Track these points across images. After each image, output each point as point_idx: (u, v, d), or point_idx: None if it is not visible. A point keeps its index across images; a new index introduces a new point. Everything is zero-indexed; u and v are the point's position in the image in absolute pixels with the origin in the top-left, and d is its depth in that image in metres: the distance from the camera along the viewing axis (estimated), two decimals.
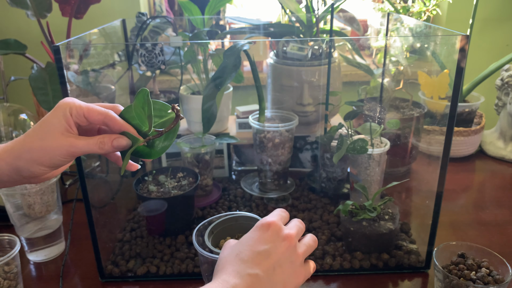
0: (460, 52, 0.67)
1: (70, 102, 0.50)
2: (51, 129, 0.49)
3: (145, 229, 0.92)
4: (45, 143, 0.49)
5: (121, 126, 0.51)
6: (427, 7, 1.31)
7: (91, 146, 0.50)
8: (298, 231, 0.52)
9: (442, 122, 0.75)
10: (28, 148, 0.49)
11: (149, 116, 0.50)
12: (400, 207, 0.87)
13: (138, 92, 0.50)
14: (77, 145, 0.50)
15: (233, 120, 1.23)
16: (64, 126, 0.50)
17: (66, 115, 0.50)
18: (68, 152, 0.50)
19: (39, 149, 0.49)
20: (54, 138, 0.49)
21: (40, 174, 0.51)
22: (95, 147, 0.50)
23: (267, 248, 0.48)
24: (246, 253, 0.48)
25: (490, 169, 1.21)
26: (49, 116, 0.50)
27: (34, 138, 0.50)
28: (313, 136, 1.11)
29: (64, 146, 0.49)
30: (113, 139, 0.51)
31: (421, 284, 0.79)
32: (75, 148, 0.50)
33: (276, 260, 0.48)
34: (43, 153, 0.49)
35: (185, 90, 1.16)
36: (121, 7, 1.61)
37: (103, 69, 1.01)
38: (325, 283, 0.79)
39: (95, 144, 0.50)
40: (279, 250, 0.49)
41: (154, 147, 0.53)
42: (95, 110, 0.51)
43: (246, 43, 0.80)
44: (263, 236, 0.49)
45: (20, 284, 0.74)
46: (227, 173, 1.13)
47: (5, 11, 1.59)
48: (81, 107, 0.50)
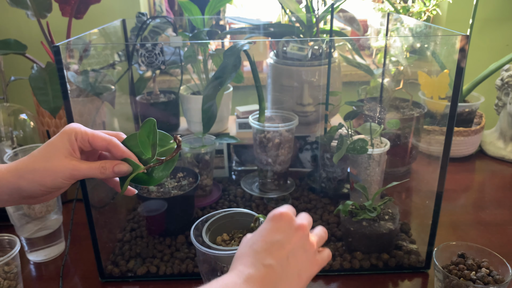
0: (460, 52, 0.67)
1: (76, 127, 0.53)
2: (56, 152, 0.52)
3: (145, 229, 0.92)
4: (49, 164, 0.51)
5: (123, 153, 0.54)
6: (427, 7, 1.31)
7: (93, 170, 0.52)
8: (309, 221, 0.53)
9: (442, 122, 0.75)
10: (32, 168, 0.51)
11: (153, 145, 0.53)
12: (400, 207, 0.87)
13: (145, 121, 0.53)
14: (80, 169, 0.52)
15: (233, 120, 1.23)
16: (69, 150, 0.52)
17: (71, 140, 0.52)
18: (71, 175, 0.52)
19: (43, 170, 0.51)
20: (58, 161, 0.51)
21: (40, 194, 0.53)
22: (96, 172, 0.53)
23: (280, 238, 0.49)
24: (259, 244, 0.48)
25: (490, 169, 1.21)
26: (55, 139, 0.53)
27: (39, 159, 0.52)
28: (313, 136, 1.11)
29: (68, 169, 0.51)
30: (115, 165, 0.53)
31: (421, 284, 0.79)
32: (77, 171, 0.52)
33: (289, 250, 0.48)
34: (47, 174, 0.51)
35: (185, 90, 1.16)
36: (121, 7, 1.61)
37: (103, 69, 1.01)
38: (325, 283, 0.79)
39: (97, 168, 0.53)
40: (292, 239, 0.49)
41: (153, 175, 0.55)
42: (99, 136, 0.53)
43: (246, 43, 0.80)
44: (276, 226, 0.50)
45: (20, 284, 0.74)
46: (227, 173, 1.13)
47: (5, 11, 1.59)
48: (86, 133, 0.53)
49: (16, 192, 0.52)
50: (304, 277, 0.49)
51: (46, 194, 0.53)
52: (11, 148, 1.06)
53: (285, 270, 0.47)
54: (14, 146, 1.07)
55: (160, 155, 0.55)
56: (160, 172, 0.55)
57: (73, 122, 0.69)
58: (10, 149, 1.05)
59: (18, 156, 0.91)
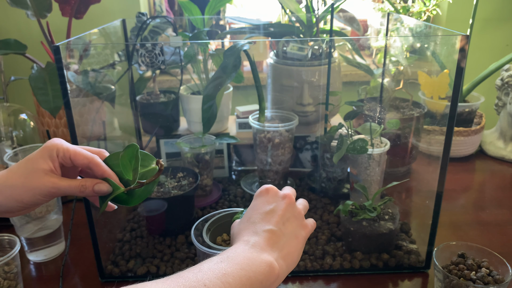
0: (460, 52, 0.67)
1: (58, 143, 0.53)
2: (35, 168, 0.51)
3: (145, 229, 0.92)
4: (28, 181, 0.50)
5: (103, 172, 0.53)
6: (427, 7, 1.31)
7: (73, 188, 0.52)
8: (293, 191, 0.58)
9: (442, 122, 0.75)
10: (10, 184, 0.50)
11: (134, 169, 0.53)
12: (400, 207, 0.87)
13: (128, 146, 0.52)
14: (59, 187, 0.51)
15: (233, 120, 1.23)
16: (49, 166, 0.51)
17: (53, 156, 0.52)
18: (50, 192, 0.51)
19: (21, 186, 0.50)
20: (37, 178, 0.51)
21: (16, 210, 0.52)
22: (76, 190, 0.52)
23: (272, 207, 0.54)
24: (255, 216, 0.53)
25: (490, 169, 1.21)
26: (35, 154, 0.52)
27: (17, 175, 0.51)
28: (313, 136, 1.11)
29: (47, 187, 0.51)
30: (95, 184, 0.53)
31: (421, 284, 0.79)
32: (57, 189, 0.51)
33: (282, 215, 0.53)
34: (24, 190, 0.50)
35: (185, 90, 1.16)
36: (121, 7, 1.61)
37: (103, 69, 1.01)
38: (325, 283, 0.79)
39: (76, 187, 0.52)
40: (282, 207, 0.54)
41: (133, 195, 0.55)
42: (81, 154, 0.53)
43: (246, 43, 0.80)
44: (265, 199, 0.55)
45: (20, 284, 0.74)
46: (227, 173, 1.13)
47: (5, 11, 1.59)
48: (68, 150, 0.52)
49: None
50: (300, 237, 0.54)
51: (22, 209, 0.53)
52: (11, 148, 1.06)
53: (284, 232, 0.52)
54: (14, 146, 1.07)
55: (142, 176, 0.54)
56: (140, 193, 0.55)
57: (73, 122, 0.69)
58: (10, 149, 1.05)
59: (18, 156, 0.91)
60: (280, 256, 0.50)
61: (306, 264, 0.81)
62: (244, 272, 0.44)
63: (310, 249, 0.85)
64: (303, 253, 0.84)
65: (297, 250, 0.52)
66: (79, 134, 0.71)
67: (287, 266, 0.50)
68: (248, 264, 0.45)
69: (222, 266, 0.44)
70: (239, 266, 0.45)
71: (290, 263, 0.51)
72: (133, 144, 0.53)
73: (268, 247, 0.49)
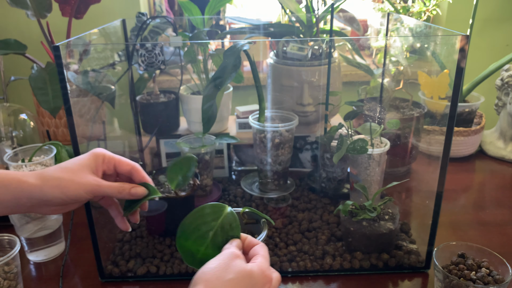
0: (460, 52, 0.67)
1: (104, 151, 0.59)
2: (83, 167, 0.56)
3: (145, 229, 0.92)
4: (75, 176, 0.55)
5: (143, 178, 0.60)
6: (427, 7, 1.31)
7: (112, 189, 0.57)
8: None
9: (442, 122, 0.75)
10: (58, 176, 0.55)
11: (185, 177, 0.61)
12: (400, 207, 0.87)
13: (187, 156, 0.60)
14: (101, 185, 0.56)
15: (233, 120, 1.23)
16: (93, 169, 0.57)
17: (98, 161, 0.58)
18: (93, 190, 0.56)
19: (68, 179, 0.55)
20: (84, 175, 0.56)
21: (58, 203, 0.55)
22: (115, 191, 0.57)
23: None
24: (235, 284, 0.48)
25: (490, 169, 1.21)
26: (83, 157, 0.58)
27: (66, 170, 0.56)
28: (313, 136, 1.11)
29: (91, 184, 0.55)
30: (132, 187, 0.58)
31: (421, 284, 0.79)
32: (99, 187, 0.56)
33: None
34: (71, 183, 0.55)
35: (185, 90, 1.16)
36: (121, 7, 1.61)
37: (103, 69, 1.01)
38: (325, 283, 0.79)
39: (116, 188, 0.57)
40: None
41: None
42: (124, 161, 0.60)
43: (246, 43, 0.80)
44: (262, 284, 0.50)
45: (20, 284, 0.74)
46: (227, 173, 1.13)
47: (5, 11, 1.59)
48: (113, 157, 0.59)
49: (37, 196, 0.54)
50: None
51: (63, 204, 0.56)
52: (11, 148, 1.06)
53: None
54: (14, 146, 1.07)
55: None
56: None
57: (73, 122, 0.69)
58: (10, 149, 1.05)
59: (18, 156, 0.91)
60: None
61: (306, 264, 0.81)
62: None
63: (310, 249, 0.85)
64: (303, 253, 0.84)
65: None
66: (79, 134, 0.71)
67: None
68: None
69: None
70: None
71: None
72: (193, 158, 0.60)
73: None
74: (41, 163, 0.89)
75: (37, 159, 0.91)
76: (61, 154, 0.95)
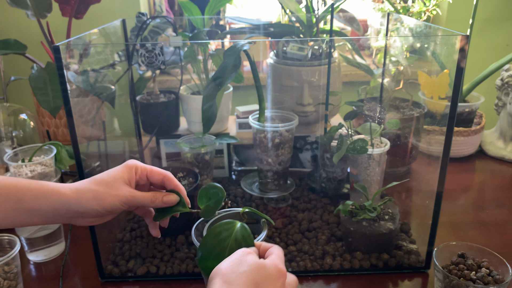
0: (460, 52, 0.67)
1: (137, 163, 0.61)
2: (117, 179, 0.58)
3: (145, 229, 0.92)
4: (110, 188, 0.57)
5: (176, 186, 0.62)
6: (427, 7, 1.31)
7: (146, 198, 0.59)
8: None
9: (442, 122, 0.75)
10: (95, 189, 0.56)
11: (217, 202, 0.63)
12: (400, 207, 0.87)
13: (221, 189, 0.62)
14: (135, 195, 0.58)
15: (233, 120, 1.23)
16: (127, 180, 0.59)
17: (132, 172, 0.59)
18: (127, 200, 0.57)
19: (104, 191, 0.56)
20: (118, 186, 0.57)
21: (92, 215, 0.57)
22: (148, 200, 0.59)
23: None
24: (263, 284, 0.49)
25: (490, 169, 1.21)
26: (117, 169, 0.59)
27: (101, 182, 0.57)
28: (313, 136, 1.11)
29: (125, 195, 0.57)
30: (164, 196, 0.60)
31: (421, 284, 0.79)
32: (133, 197, 0.58)
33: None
34: (107, 195, 0.56)
35: (185, 90, 1.16)
36: (121, 7, 1.61)
37: (103, 69, 1.01)
38: (325, 283, 0.79)
39: (149, 197, 0.59)
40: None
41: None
42: (157, 170, 0.62)
43: (246, 43, 0.80)
44: (274, 281, 0.50)
45: (20, 284, 0.74)
46: (227, 173, 1.13)
47: (5, 11, 1.59)
48: (145, 168, 0.61)
49: (74, 208, 0.55)
50: None
51: (99, 216, 0.58)
52: (11, 148, 1.06)
53: None
54: (14, 146, 1.07)
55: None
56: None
57: (73, 122, 0.69)
58: (10, 149, 1.05)
59: (18, 156, 0.91)
60: None
61: (306, 264, 0.81)
62: None
63: (310, 249, 0.85)
64: (303, 253, 0.84)
65: None
66: (79, 134, 0.71)
67: None
68: None
69: None
70: None
71: None
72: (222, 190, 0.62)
73: None
74: (41, 163, 0.89)
75: (37, 159, 0.91)
76: (61, 154, 0.95)
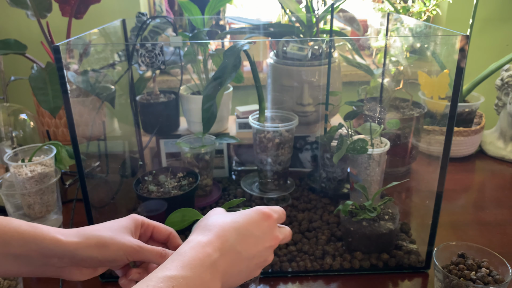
0: (460, 52, 0.67)
1: (142, 217, 0.58)
2: (123, 228, 0.54)
3: None
4: (116, 236, 0.52)
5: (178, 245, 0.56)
6: (427, 7, 1.31)
7: (154, 253, 0.54)
8: (284, 238, 0.56)
9: (442, 122, 0.75)
10: (99, 235, 0.52)
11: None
12: (400, 207, 0.87)
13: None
14: (143, 248, 0.53)
15: (233, 120, 1.23)
16: (133, 231, 0.55)
17: (137, 225, 0.56)
18: (134, 251, 0.52)
19: (109, 238, 0.52)
20: (124, 236, 0.53)
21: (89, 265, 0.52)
22: (157, 255, 0.54)
23: (258, 236, 0.51)
24: (242, 227, 0.51)
25: (490, 169, 1.21)
26: (123, 219, 0.56)
27: (107, 229, 0.53)
28: (313, 136, 1.11)
29: (132, 245, 0.52)
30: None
31: (421, 284, 0.79)
32: (141, 249, 0.53)
33: (257, 251, 0.51)
34: (111, 242, 0.51)
35: (185, 90, 1.16)
36: (121, 7, 1.61)
37: (103, 69, 1.01)
38: (325, 283, 0.79)
39: (157, 252, 0.54)
40: (265, 243, 0.52)
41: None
42: (163, 227, 0.58)
43: (246, 43, 0.80)
44: (260, 223, 0.52)
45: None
46: (227, 173, 1.13)
47: (5, 11, 1.59)
48: (152, 224, 0.58)
49: (69, 255, 0.50)
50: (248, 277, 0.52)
51: (97, 266, 0.53)
52: (11, 148, 1.06)
53: (246, 264, 0.50)
54: (14, 146, 1.07)
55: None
56: None
57: (73, 122, 0.69)
58: (10, 149, 1.05)
59: (18, 156, 0.91)
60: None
61: (306, 264, 0.81)
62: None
63: (310, 249, 0.85)
64: (303, 253, 0.84)
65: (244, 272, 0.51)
66: (79, 134, 0.71)
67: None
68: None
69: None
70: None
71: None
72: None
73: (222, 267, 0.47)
74: (41, 163, 0.89)
75: (37, 159, 0.91)
76: (61, 154, 0.95)
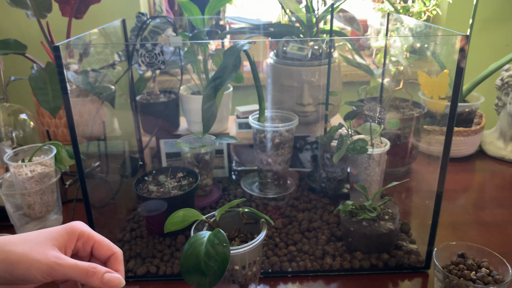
0: (460, 52, 0.67)
1: (83, 227, 0.46)
2: (46, 240, 0.43)
3: (145, 229, 0.92)
4: (31, 249, 0.41)
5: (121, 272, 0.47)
6: (427, 7, 1.31)
7: (79, 270, 0.42)
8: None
9: (442, 122, 0.75)
10: (9, 250, 0.42)
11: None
12: (400, 207, 0.87)
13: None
14: (63, 263, 0.42)
15: (233, 120, 1.23)
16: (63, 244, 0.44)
17: (72, 237, 0.45)
18: (48, 269, 0.41)
19: (19, 255, 0.41)
20: (43, 249, 0.42)
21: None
22: (82, 273, 0.42)
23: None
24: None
25: (490, 169, 1.21)
26: (54, 229, 0.45)
27: (23, 242, 0.42)
28: (313, 136, 1.11)
29: (48, 262, 0.41)
30: (105, 273, 0.44)
31: (421, 284, 0.79)
32: (59, 266, 0.42)
33: None
34: (21, 259, 0.41)
35: (185, 90, 1.16)
36: (121, 7, 1.61)
37: (103, 69, 1.01)
38: (325, 283, 0.79)
39: (84, 270, 0.43)
40: None
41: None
42: (106, 244, 0.47)
43: (246, 43, 0.80)
44: None
45: None
46: (227, 173, 1.13)
47: (5, 11, 1.59)
48: (93, 237, 0.46)
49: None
50: None
51: (8, 284, 0.42)
52: (11, 148, 1.06)
53: None
54: (14, 146, 1.07)
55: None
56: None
57: (73, 122, 0.69)
58: (10, 149, 1.05)
59: (18, 156, 0.91)
60: None
61: (306, 264, 0.81)
62: None
63: (310, 249, 0.85)
64: (303, 253, 0.84)
65: None
66: (79, 134, 0.71)
67: None
68: None
69: None
70: None
71: None
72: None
73: None
74: (41, 163, 0.89)
75: (37, 159, 0.91)
76: (61, 154, 0.95)
